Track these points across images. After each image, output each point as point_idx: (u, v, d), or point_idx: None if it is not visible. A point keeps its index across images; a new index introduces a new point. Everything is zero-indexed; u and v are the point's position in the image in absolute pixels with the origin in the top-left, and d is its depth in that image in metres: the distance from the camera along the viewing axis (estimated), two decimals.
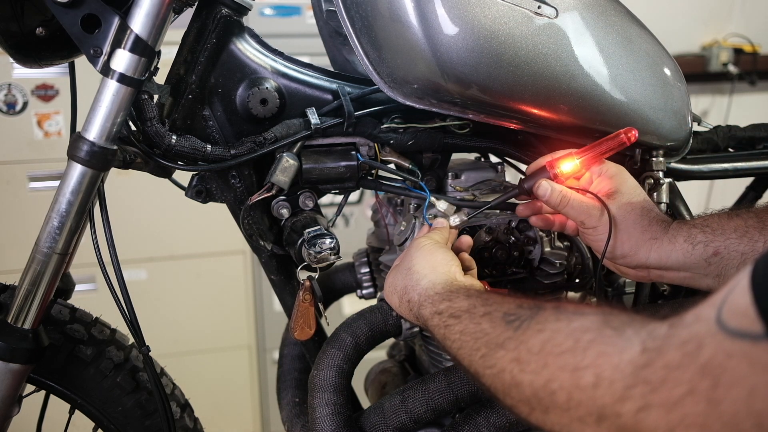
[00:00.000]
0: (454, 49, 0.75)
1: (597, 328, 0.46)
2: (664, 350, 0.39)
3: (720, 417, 0.35)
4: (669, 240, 0.74)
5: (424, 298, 0.70)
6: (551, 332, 0.49)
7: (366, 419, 0.83)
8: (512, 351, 0.52)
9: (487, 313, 0.59)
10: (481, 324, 0.58)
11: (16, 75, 1.92)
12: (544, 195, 0.79)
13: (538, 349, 0.49)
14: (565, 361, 0.46)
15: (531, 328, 0.52)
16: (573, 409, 0.45)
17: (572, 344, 0.46)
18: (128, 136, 0.78)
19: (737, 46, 2.60)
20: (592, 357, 0.44)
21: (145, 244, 2.07)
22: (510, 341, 0.53)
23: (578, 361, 0.45)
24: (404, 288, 0.75)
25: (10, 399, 0.80)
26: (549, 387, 0.47)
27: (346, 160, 0.85)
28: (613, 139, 0.79)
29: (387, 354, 1.17)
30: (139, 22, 0.70)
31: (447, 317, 0.64)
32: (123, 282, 0.78)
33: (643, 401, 0.39)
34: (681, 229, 0.74)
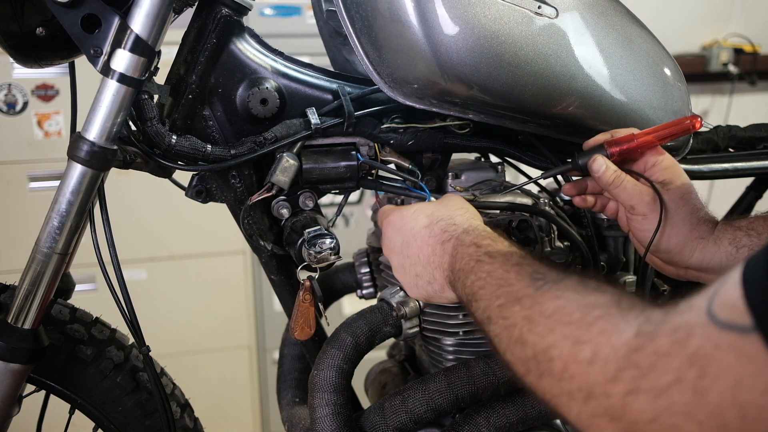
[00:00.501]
0: (455, 49, 0.75)
1: (606, 306, 0.46)
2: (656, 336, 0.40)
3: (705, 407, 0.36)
4: (714, 241, 0.73)
5: (472, 228, 0.69)
6: (566, 300, 0.49)
7: (366, 419, 0.83)
8: (527, 309, 0.53)
9: (518, 264, 0.59)
10: (509, 272, 0.59)
11: (16, 75, 1.92)
12: (598, 171, 0.77)
13: (550, 313, 0.50)
14: (570, 332, 0.47)
15: (550, 292, 0.52)
16: (566, 381, 0.46)
17: (580, 317, 0.47)
18: (128, 136, 0.78)
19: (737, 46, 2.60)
20: (594, 333, 0.45)
21: (145, 244, 2.07)
22: (527, 299, 0.54)
23: (581, 334, 0.45)
24: (450, 215, 0.73)
25: (10, 399, 0.80)
26: (549, 353, 0.48)
27: (346, 160, 0.85)
28: (677, 124, 0.76)
29: (387, 354, 1.17)
30: (139, 22, 0.70)
31: (483, 253, 0.64)
32: (123, 282, 0.78)
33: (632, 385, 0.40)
34: (726, 230, 0.73)
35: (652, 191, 0.76)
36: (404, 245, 0.76)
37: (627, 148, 0.77)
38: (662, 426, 0.38)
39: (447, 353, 0.91)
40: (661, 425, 0.38)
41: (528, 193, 0.92)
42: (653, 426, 0.39)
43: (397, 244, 0.77)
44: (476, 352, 0.89)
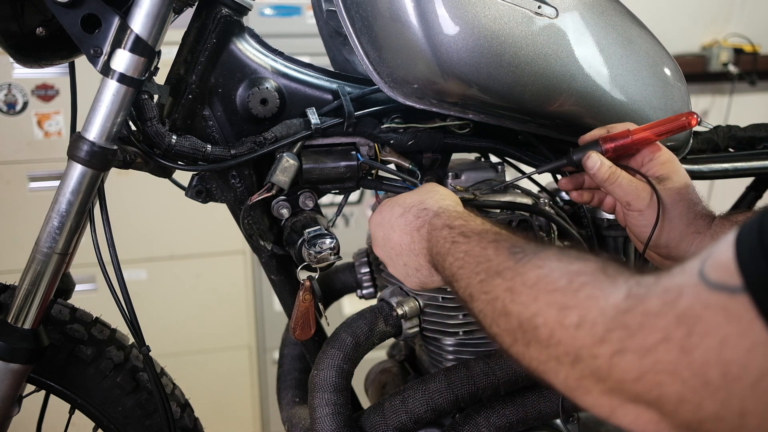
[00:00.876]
0: (455, 49, 0.75)
1: (592, 273, 0.47)
2: (646, 297, 0.40)
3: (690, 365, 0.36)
4: (711, 236, 0.73)
5: (442, 210, 0.70)
6: (549, 269, 0.50)
7: (366, 419, 0.83)
8: (508, 280, 0.53)
9: (495, 240, 0.59)
10: (486, 249, 0.59)
11: (16, 75, 1.92)
12: (592, 167, 0.77)
13: (533, 283, 0.50)
14: (554, 299, 0.47)
15: (531, 263, 0.52)
16: (552, 347, 0.46)
17: (565, 284, 0.47)
18: (128, 136, 0.78)
19: (737, 46, 2.60)
20: (581, 299, 0.45)
21: (145, 244, 2.07)
22: (508, 271, 0.54)
23: (567, 300, 0.46)
24: (421, 200, 0.74)
25: (10, 399, 0.80)
26: (534, 321, 0.48)
27: (346, 160, 0.85)
28: (673, 121, 0.76)
29: (387, 354, 1.17)
30: (139, 22, 0.70)
31: (457, 234, 0.64)
32: (123, 282, 0.78)
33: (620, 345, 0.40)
34: (724, 225, 0.73)
35: (648, 187, 0.76)
36: (386, 239, 0.76)
37: (622, 144, 0.77)
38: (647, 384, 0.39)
39: (447, 353, 0.91)
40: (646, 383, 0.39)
41: (528, 193, 0.92)
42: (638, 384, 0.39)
43: (380, 238, 0.78)
44: (476, 352, 0.89)
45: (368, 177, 0.88)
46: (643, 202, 0.76)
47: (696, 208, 0.75)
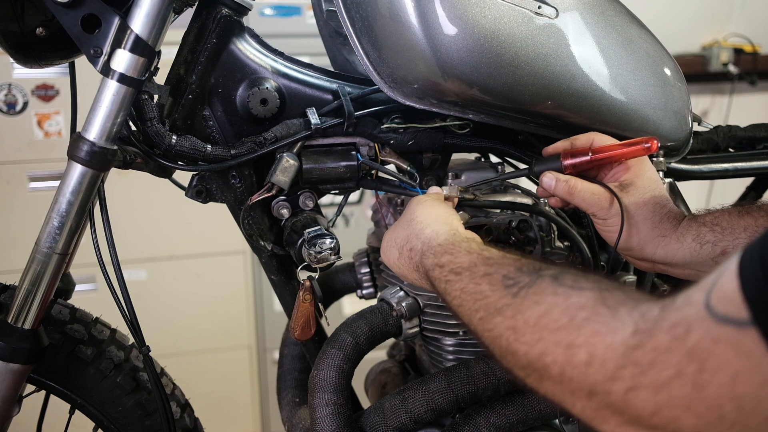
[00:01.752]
0: (455, 49, 0.75)
1: (592, 306, 0.47)
2: (654, 333, 0.40)
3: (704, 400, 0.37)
4: (677, 238, 0.74)
5: (427, 248, 0.69)
6: (548, 306, 0.50)
7: (366, 419, 0.83)
8: (509, 319, 0.53)
9: (487, 273, 0.59)
10: (480, 285, 0.58)
11: (16, 75, 1.92)
12: (548, 187, 0.78)
13: (534, 321, 0.50)
14: (559, 337, 0.47)
15: (529, 298, 0.52)
16: (565, 383, 0.46)
17: (567, 321, 0.47)
18: (128, 136, 0.78)
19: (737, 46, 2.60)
20: (586, 335, 0.45)
21: (145, 244, 2.07)
22: (508, 308, 0.54)
23: (572, 339, 0.46)
24: (406, 238, 0.73)
25: (10, 399, 0.80)
26: (543, 360, 0.48)
27: (346, 160, 0.85)
28: (634, 145, 0.76)
29: (387, 354, 1.17)
30: (139, 22, 0.70)
31: (448, 272, 0.64)
32: (123, 282, 0.78)
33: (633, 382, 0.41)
34: (691, 227, 0.73)
35: (610, 195, 0.76)
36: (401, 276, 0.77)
37: (581, 162, 0.78)
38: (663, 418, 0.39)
39: (447, 353, 0.91)
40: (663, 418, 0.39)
41: (528, 193, 0.92)
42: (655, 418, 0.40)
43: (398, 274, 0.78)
44: (476, 352, 0.89)
45: (368, 177, 0.88)
46: (605, 211, 0.76)
47: (662, 211, 0.76)
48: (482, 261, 0.61)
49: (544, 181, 0.79)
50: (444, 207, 0.76)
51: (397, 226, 0.77)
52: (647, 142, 0.74)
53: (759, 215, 0.70)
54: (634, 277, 0.98)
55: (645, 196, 0.76)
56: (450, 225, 0.71)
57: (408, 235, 0.73)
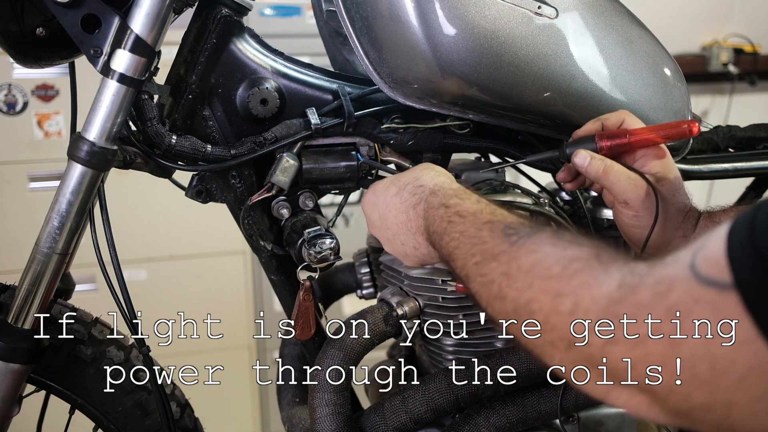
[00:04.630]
0: (455, 49, 0.75)
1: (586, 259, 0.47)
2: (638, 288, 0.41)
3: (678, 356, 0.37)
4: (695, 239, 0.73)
5: (439, 187, 0.69)
6: (543, 255, 0.50)
7: (366, 419, 0.83)
8: (504, 264, 0.53)
9: (490, 221, 0.59)
10: (482, 231, 0.58)
11: (16, 75, 1.92)
12: (582, 164, 0.74)
13: (528, 268, 0.50)
14: (549, 285, 0.47)
15: (526, 246, 0.52)
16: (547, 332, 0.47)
17: (560, 270, 0.47)
18: (128, 136, 0.78)
19: (737, 46, 2.60)
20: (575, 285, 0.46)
21: (145, 244, 2.07)
22: (504, 254, 0.54)
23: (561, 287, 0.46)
24: (416, 177, 0.73)
25: (10, 399, 0.80)
26: (529, 306, 0.49)
27: (346, 160, 0.85)
28: (675, 127, 0.72)
29: (387, 354, 1.17)
30: (139, 22, 0.70)
31: (453, 213, 0.64)
32: (123, 282, 0.78)
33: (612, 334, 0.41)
34: (707, 227, 0.72)
35: (646, 185, 0.72)
36: (382, 218, 0.76)
37: (619, 143, 0.73)
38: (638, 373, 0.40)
39: (447, 353, 0.91)
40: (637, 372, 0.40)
41: (528, 193, 0.92)
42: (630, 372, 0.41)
43: (376, 219, 0.77)
44: (476, 352, 0.89)
45: (368, 177, 0.88)
46: (641, 203, 0.72)
47: (685, 209, 0.74)
48: (489, 210, 0.62)
49: (577, 159, 0.73)
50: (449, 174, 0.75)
51: (402, 173, 0.76)
52: (688, 124, 0.71)
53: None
54: None
55: (675, 194, 0.74)
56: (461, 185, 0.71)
57: (419, 176, 0.72)
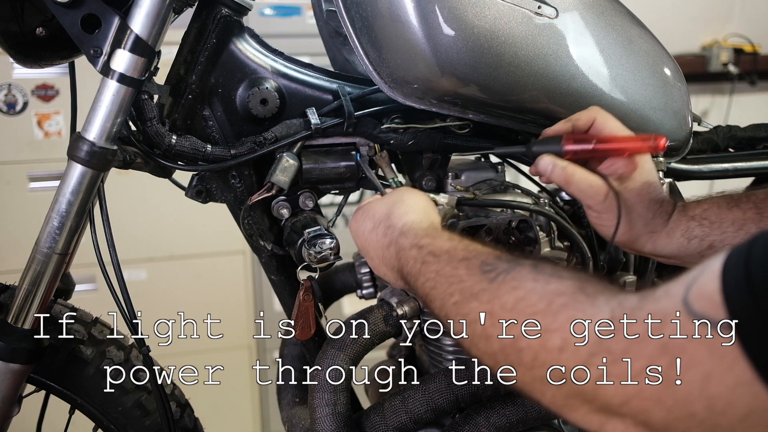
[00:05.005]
0: (454, 49, 0.75)
1: (571, 293, 0.46)
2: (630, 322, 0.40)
3: (674, 394, 0.37)
4: (667, 234, 0.73)
5: (408, 228, 0.68)
6: (526, 291, 0.49)
7: (366, 419, 0.83)
8: (486, 304, 0.52)
9: (465, 258, 0.58)
10: (458, 269, 0.58)
11: (16, 75, 1.91)
12: (544, 171, 0.75)
13: (511, 306, 0.49)
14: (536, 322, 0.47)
15: (507, 284, 0.52)
16: (537, 369, 0.46)
17: (545, 306, 0.47)
18: (128, 136, 0.78)
19: (737, 46, 2.60)
20: (562, 321, 0.45)
21: (145, 244, 2.07)
22: (484, 293, 0.53)
23: (548, 323, 0.46)
24: (387, 215, 0.72)
25: (10, 399, 0.80)
26: (517, 345, 0.48)
27: (346, 160, 0.85)
28: (641, 141, 0.72)
29: (387, 354, 1.17)
30: (139, 22, 0.70)
31: (426, 253, 0.63)
32: (123, 282, 0.78)
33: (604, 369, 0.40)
34: (680, 221, 0.72)
35: (607, 188, 0.73)
36: (363, 249, 0.77)
37: (582, 150, 0.73)
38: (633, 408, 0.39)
39: (447, 353, 0.91)
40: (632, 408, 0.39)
41: (528, 193, 0.92)
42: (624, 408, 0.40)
43: (360, 246, 0.78)
44: None
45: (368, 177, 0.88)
46: (602, 205, 0.73)
47: (656, 206, 0.74)
48: (462, 247, 0.61)
49: (540, 164, 0.75)
50: (430, 203, 0.76)
51: (378, 201, 0.76)
52: (654, 140, 0.71)
53: (747, 207, 0.69)
54: (634, 277, 0.98)
55: (642, 192, 0.74)
56: (435, 219, 0.71)
57: (390, 213, 0.72)
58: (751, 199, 0.70)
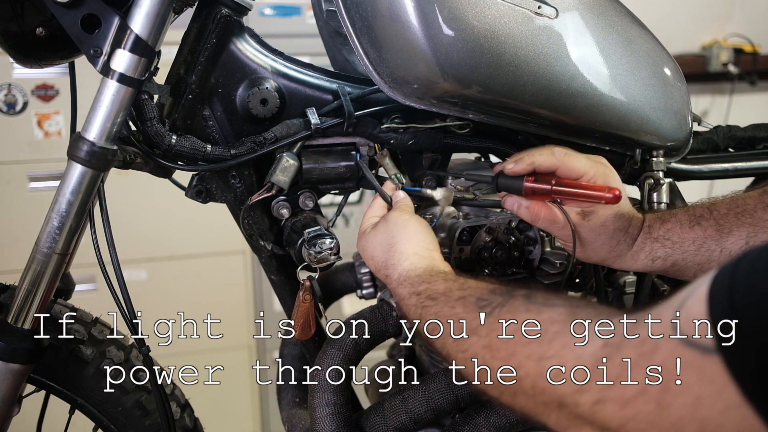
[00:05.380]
0: (454, 49, 0.75)
1: (564, 321, 0.48)
2: (623, 347, 0.41)
3: (668, 418, 0.38)
4: (632, 257, 0.76)
5: (404, 278, 0.70)
6: (521, 322, 0.52)
7: (366, 419, 0.83)
8: (484, 338, 0.55)
9: (461, 297, 0.61)
10: (455, 308, 0.60)
11: (16, 75, 1.91)
12: (511, 208, 0.79)
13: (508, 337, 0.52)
14: (531, 351, 0.49)
15: (502, 316, 0.54)
16: (537, 395, 0.48)
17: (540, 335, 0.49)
18: (128, 136, 0.78)
19: (737, 46, 2.60)
20: (557, 348, 0.47)
21: (145, 244, 2.07)
22: (482, 328, 0.56)
23: (544, 351, 0.48)
24: (384, 262, 0.75)
25: (10, 399, 0.80)
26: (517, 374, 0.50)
27: (345, 160, 0.85)
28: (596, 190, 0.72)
29: (387, 354, 1.17)
30: (139, 22, 0.70)
31: (425, 298, 0.65)
32: (123, 282, 0.78)
33: (599, 395, 0.42)
34: (644, 244, 0.76)
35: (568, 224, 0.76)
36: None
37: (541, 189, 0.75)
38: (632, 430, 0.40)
39: None
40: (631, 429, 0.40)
41: None
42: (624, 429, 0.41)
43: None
44: None
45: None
46: (566, 236, 0.77)
47: (619, 234, 0.76)
48: (457, 287, 0.64)
49: (507, 202, 0.79)
50: (424, 233, 0.75)
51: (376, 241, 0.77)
52: (611, 192, 0.72)
53: (708, 225, 0.72)
54: (634, 278, 0.98)
55: (606, 223, 0.75)
56: (430, 259, 0.72)
57: (387, 262, 0.74)
58: (713, 215, 0.73)
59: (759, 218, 0.69)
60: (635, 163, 0.91)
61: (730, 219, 0.71)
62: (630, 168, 0.92)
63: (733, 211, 0.71)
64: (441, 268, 0.71)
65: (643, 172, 0.92)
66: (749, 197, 0.71)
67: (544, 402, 0.47)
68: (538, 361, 0.48)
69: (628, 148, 0.90)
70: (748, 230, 0.70)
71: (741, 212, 0.71)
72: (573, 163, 0.73)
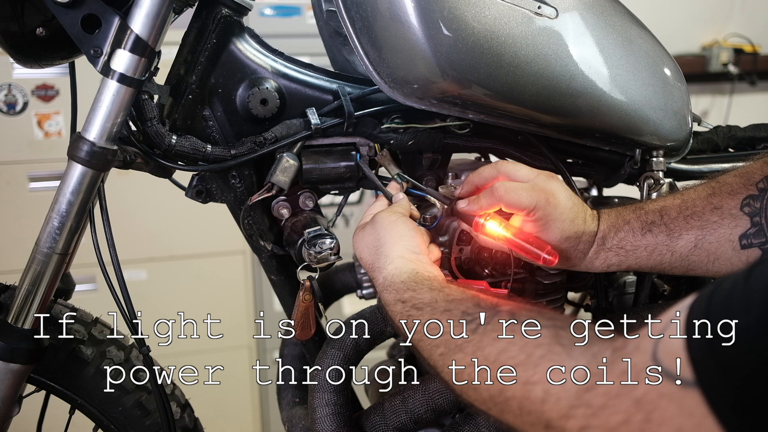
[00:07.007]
0: (454, 49, 0.75)
1: (548, 344, 0.50)
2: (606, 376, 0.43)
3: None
4: (586, 266, 0.78)
5: (389, 283, 0.70)
6: (506, 343, 0.53)
7: (366, 419, 0.83)
8: (470, 355, 0.55)
9: (447, 309, 0.61)
10: (440, 321, 0.61)
11: (16, 75, 1.92)
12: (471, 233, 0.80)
13: (494, 358, 0.53)
14: (517, 374, 0.50)
15: (487, 335, 0.55)
16: (524, 416, 0.49)
17: (525, 358, 0.50)
18: (128, 136, 0.78)
19: (737, 46, 2.60)
20: (542, 373, 0.48)
21: (145, 244, 2.07)
22: (468, 345, 0.56)
23: (529, 375, 0.49)
24: (371, 264, 0.75)
25: (10, 399, 0.80)
26: (503, 394, 0.51)
27: (345, 160, 0.85)
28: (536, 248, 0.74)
29: (387, 354, 1.17)
30: (139, 22, 0.70)
31: (410, 307, 0.65)
32: (123, 282, 0.78)
33: (585, 422, 0.43)
34: (599, 254, 0.76)
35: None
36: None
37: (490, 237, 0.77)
38: None
39: None
40: None
41: None
42: None
43: None
44: None
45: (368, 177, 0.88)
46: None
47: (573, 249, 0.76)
48: (443, 298, 0.64)
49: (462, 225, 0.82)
50: (410, 236, 0.74)
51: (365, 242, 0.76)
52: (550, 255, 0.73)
53: (659, 231, 0.73)
54: (634, 278, 0.98)
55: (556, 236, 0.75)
56: (416, 262, 0.71)
57: (372, 264, 0.74)
58: (663, 220, 0.74)
59: (707, 220, 0.71)
60: (635, 163, 0.91)
61: (679, 223, 0.73)
62: (630, 168, 0.92)
63: (683, 214, 0.73)
64: (427, 273, 0.69)
65: (643, 172, 0.92)
66: (698, 199, 0.73)
67: (530, 422, 0.48)
68: (524, 385, 0.49)
69: (628, 148, 0.90)
70: (697, 233, 0.71)
71: (690, 215, 0.72)
72: (513, 199, 0.74)
